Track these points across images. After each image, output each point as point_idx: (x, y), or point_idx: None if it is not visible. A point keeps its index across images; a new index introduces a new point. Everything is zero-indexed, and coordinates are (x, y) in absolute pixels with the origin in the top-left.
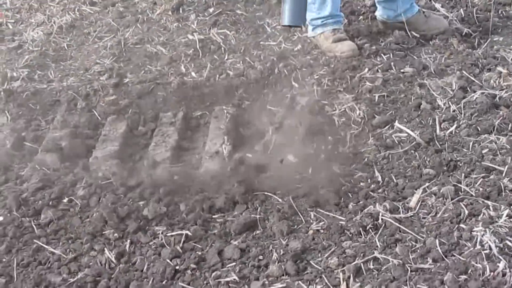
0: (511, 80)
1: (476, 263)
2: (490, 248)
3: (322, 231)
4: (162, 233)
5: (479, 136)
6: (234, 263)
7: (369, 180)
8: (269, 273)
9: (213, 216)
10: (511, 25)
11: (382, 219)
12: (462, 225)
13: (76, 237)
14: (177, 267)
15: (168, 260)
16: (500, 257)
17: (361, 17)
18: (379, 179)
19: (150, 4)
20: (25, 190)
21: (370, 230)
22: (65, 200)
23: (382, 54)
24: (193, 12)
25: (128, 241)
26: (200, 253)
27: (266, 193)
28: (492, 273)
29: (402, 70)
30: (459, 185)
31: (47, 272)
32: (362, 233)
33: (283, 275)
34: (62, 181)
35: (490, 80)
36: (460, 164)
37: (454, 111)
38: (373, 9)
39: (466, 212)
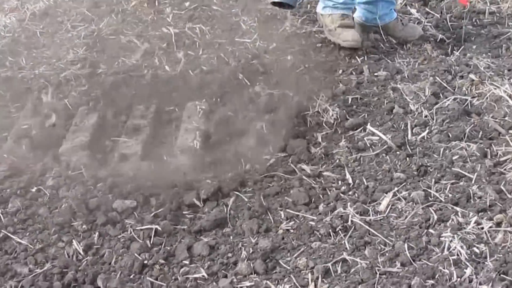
0: (483, 88)
1: (444, 268)
2: (458, 254)
3: (292, 230)
4: (131, 226)
5: (450, 143)
6: (203, 260)
7: (340, 182)
8: (238, 271)
9: (183, 212)
10: (485, 34)
11: (352, 221)
12: (431, 230)
13: (44, 227)
14: (145, 262)
15: (137, 254)
16: (467, 263)
17: None
18: (350, 181)
19: None
20: None
21: (339, 231)
22: (34, 189)
23: (356, 57)
24: (169, 6)
25: (97, 233)
26: (169, 248)
27: (236, 192)
28: (459, 279)
29: (376, 74)
30: (429, 190)
31: (13, 262)
32: (331, 235)
33: (251, 273)
34: (31, 170)
35: (462, 87)
36: (431, 170)
37: (426, 116)
38: None
39: (435, 217)
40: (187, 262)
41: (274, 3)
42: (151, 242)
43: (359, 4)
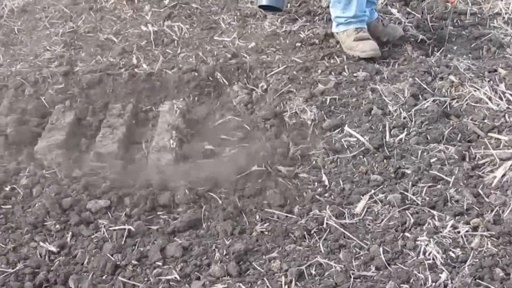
0: (463, 90)
1: (419, 273)
2: (434, 258)
3: (266, 232)
4: (104, 226)
5: (428, 145)
6: (176, 261)
7: (316, 183)
8: (211, 273)
9: (158, 212)
10: (466, 35)
11: (327, 223)
12: (406, 234)
13: (17, 226)
14: (118, 262)
15: (109, 255)
16: (442, 268)
17: (317, 18)
18: (326, 183)
19: None
20: None
21: (314, 234)
22: (7, 188)
23: (336, 57)
24: (148, 3)
25: (70, 233)
26: (142, 249)
27: (211, 193)
28: (434, 284)
29: (355, 74)
30: (406, 193)
31: None
32: (306, 237)
33: (224, 275)
34: (5, 169)
35: (442, 88)
36: (408, 172)
37: (404, 118)
38: (329, 10)
39: (412, 221)
40: (160, 263)
41: (261, 7)
42: (124, 243)
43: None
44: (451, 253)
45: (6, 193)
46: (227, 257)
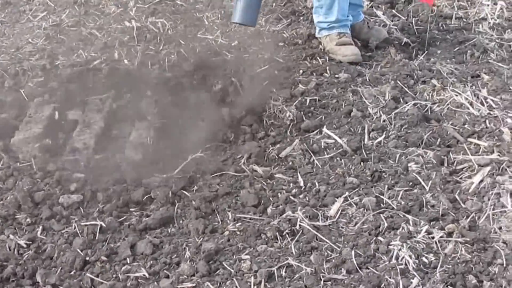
0: (444, 94)
1: (390, 277)
2: (406, 263)
3: (238, 232)
4: (76, 221)
5: (406, 149)
6: (145, 259)
7: (291, 184)
8: (180, 271)
9: (130, 209)
10: (450, 39)
11: (300, 225)
12: (380, 238)
13: None
14: (87, 258)
15: (79, 250)
16: (415, 273)
17: (301, 18)
18: (302, 184)
19: None
20: None
21: (287, 235)
22: None
23: (318, 57)
24: None
25: (41, 227)
26: (112, 245)
27: (184, 190)
28: None
29: (336, 75)
30: (382, 196)
31: None
32: (278, 238)
33: (193, 274)
34: None
35: (423, 92)
36: (385, 176)
37: (384, 121)
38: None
39: (386, 224)
40: (129, 260)
41: (235, 23)
42: (94, 238)
43: None
44: (424, 258)
45: None
46: (198, 256)
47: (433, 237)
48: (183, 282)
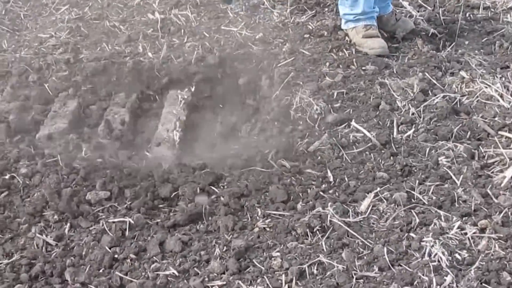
0: (474, 86)
1: (423, 275)
2: (439, 260)
3: (268, 229)
4: (103, 218)
5: (436, 142)
6: (174, 256)
7: (320, 179)
8: (210, 269)
9: (159, 205)
10: (478, 29)
11: (330, 221)
12: (412, 234)
13: (15, 216)
14: (115, 256)
15: (107, 248)
16: (448, 270)
17: (326, 9)
18: (331, 179)
19: None
20: None
21: (317, 232)
22: (7, 176)
23: (344, 49)
24: None
25: (68, 224)
26: (141, 242)
27: (213, 186)
28: (438, 287)
29: (363, 68)
30: (412, 192)
31: None
32: (309, 235)
33: (223, 272)
34: (6, 156)
35: (452, 84)
36: (415, 170)
37: (413, 114)
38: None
39: (417, 220)
40: (158, 258)
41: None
42: (123, 236)
43: None
44: (457, 255)
45: (5, 182)
46: (227, 253)
47: (465, 233)
48: (213, 280)
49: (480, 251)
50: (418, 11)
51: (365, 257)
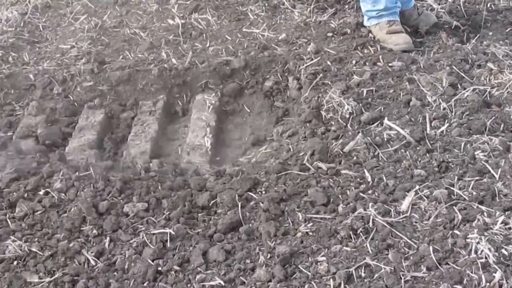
0: (502, 78)
1: (472, 272)
2: (486, 257)
3: (310, 233)
4: (143, 230)
5: (471, 136)
6: (219, 266)
7: (358, 180)
8: (256, 277)
9: (198, 214)
10: (501, 19)
11: (373, 222)
12: (456, 231)
13: (53, 233)
14: (159, 268)
15: (150, 260)
16: (496, 266)
17: (346, 6)
18: (369, 179)
19: None
20: None
21: (361, 233)
22: (41, 192)
23: (369, 46)
24: None
25: (108, 238)
26: (183, 253)
27: (250, 192)
28: (488, 284)
29: (390, 64)
30: (452, 188)
31: (23, 270)
32: (352, 237)
33: (270, 280)
34: (38, 172)
35: (480, 76)
36: (452, 166)
37: (444, 109)
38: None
39: (460, 217)
40: (202, 268)
41: None
42: (165, 247)
43: None
44: (503, 250)
45: (40, 198)
46: (272, 260)
47: (510, 228)
48: None
49: None
50: (439, 4)
51: (411, 257)
